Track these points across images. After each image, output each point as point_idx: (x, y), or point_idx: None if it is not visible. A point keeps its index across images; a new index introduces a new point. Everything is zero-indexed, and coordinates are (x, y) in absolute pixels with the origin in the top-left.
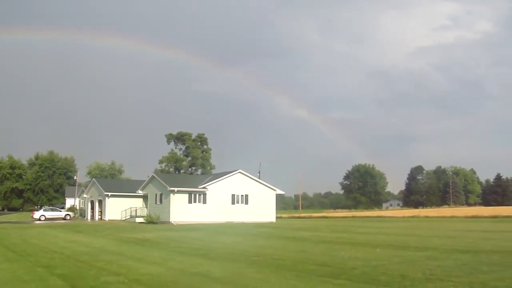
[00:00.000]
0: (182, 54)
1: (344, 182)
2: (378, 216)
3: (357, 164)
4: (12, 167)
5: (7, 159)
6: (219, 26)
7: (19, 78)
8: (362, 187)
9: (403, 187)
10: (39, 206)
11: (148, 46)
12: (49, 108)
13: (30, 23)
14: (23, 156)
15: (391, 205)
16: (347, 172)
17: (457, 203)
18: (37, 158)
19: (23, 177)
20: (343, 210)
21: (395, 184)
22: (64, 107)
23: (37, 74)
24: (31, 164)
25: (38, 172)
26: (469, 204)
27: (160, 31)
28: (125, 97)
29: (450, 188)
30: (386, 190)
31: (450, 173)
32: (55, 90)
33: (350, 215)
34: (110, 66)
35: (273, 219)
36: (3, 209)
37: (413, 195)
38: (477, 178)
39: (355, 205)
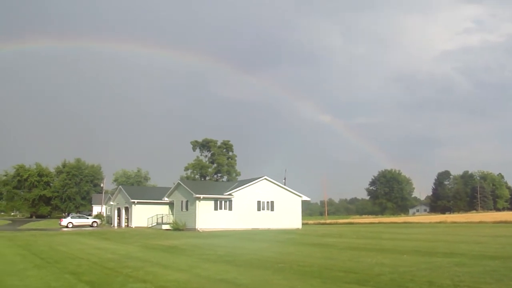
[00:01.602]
0: (205, 61)
1: (370, 188)
2: (405, 222)
3: (383, 170)
4: (40, 174)
5: (35, 167)
6: (241, 32)
7: (46, 87)
8: (389, 193)
9: (430, 193)
10: (66, 214)
11: (171, 53)
12: (76, 117)
13: (58, 32)
14: (51, 164)
15: (417, 210)
16: (373, 178)
17: (485, 208)
18: (64, 165)
19: (51, 184)
20: (370, 216)
21: (422, 189)
22: (90, 115)
23: (65, 83)
24: (59, 172)
25: (65, 179)
26: (497, 209)
27: (183, 38)
28: (151, 104)
29: (478, 193)
30: (413, 196)
31: (478, 177)
32: (82, 98)
33: (377, 221)
34: (135, 74)
35: (299, 226)
36: (31, 216)
37: (440, 200)
38: (505, 182)
39: (382, 211)
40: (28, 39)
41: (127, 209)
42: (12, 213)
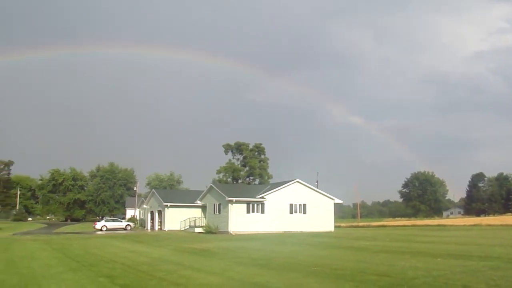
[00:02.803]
0: (237, 64)
1: (403, 190)
2: (439, 225)
3: (416, 172)
4: (75, 178)
5: (70, 171)
6: (272, 36)
7: (80, 94)
8: (422, 195)
9: (464, 195)
10: (100, 217)
11: (203, 58)
12: (109, 122)
13: (101, 37)
14: (85, 168)
15: (451, 213)
16: (405, 180)
17: None
18: (98, 169)
19: (85, 188)
20: (403, 218)
21: (456, 191)
22: (123, 120)
23: (98, 89)
24: (93, 176)
25: (99, 183)
26: None
27: (215, 42)
28: (183, 108)
29: None
30: (447, 198)
31: None
32: (114, 104)
33: (410, 224)
34: (167, 80)
35: (332, 229)
36: (66, 220)
37: (475, 202)
38: None
39: (415, 214)
40: (58, 47)
41: (160, 213)
42: (48, 217)
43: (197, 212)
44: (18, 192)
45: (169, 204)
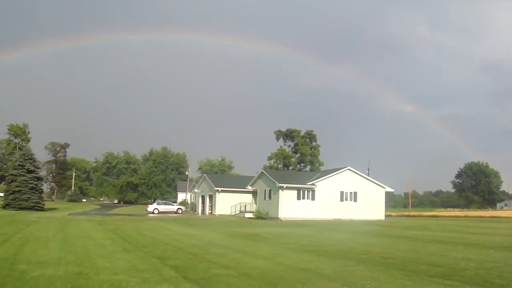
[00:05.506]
0: (289, 51)
1: (456, 181)
2: (492, 216)
3: (469, 162)
4: (128, 162)
5: (123, 154)
6: (325, 22)
7: (132, 80)
8: (475, 186)
9: None
10: (152, 200)
11: (256, 44)
12: (162, 107)
13: (156, 23)
14: (138, 151)
15: (506, 205)
16: (459, 170)
17: None
18: (151, 153)
19: (138, 171)
20: (455, 209)
21: (511, 183)
22: (176, 105)
23: (151, 74)
24: (145, 160)
25: (152, 167)
26: None
27: (267, 29)
28: (235, 95)
29: None
30: (501, 189)
31: None
32: (167, 91)
33: (462, 215)
34: (219, 66)
35: (382, 217)
36: (119, 202)
37: None
38: None
39: (467, 205)
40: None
41: (211, 197)
42: (101, 198)
43: (248, 198)
44: (74, 174)
45: (220, 188)
